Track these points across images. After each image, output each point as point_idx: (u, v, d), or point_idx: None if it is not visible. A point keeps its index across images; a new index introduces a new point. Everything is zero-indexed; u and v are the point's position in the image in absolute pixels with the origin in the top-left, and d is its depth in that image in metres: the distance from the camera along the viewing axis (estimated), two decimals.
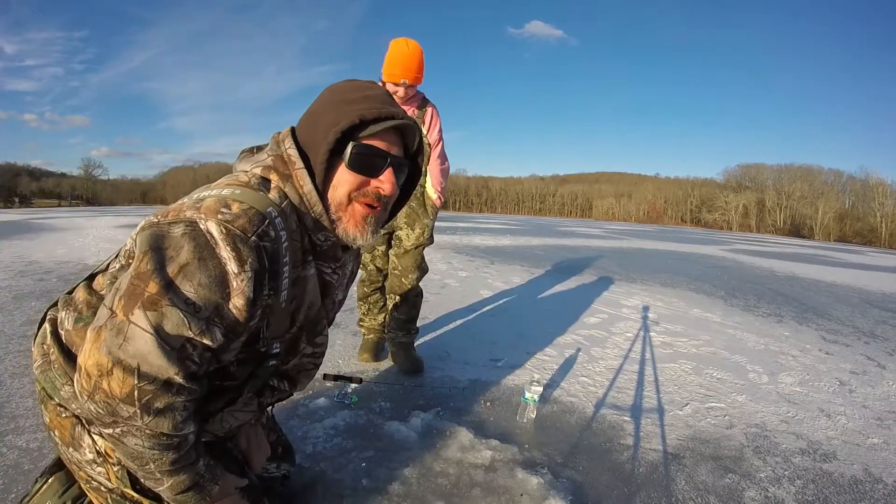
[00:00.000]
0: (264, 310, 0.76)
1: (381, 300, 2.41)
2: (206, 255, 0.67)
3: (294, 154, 0.81)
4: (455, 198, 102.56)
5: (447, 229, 13.43)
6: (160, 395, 0.65)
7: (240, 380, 0.87)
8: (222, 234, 0.67)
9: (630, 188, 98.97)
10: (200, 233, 0.67)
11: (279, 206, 0.77)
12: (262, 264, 0.71)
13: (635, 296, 4.68)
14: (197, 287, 0.66)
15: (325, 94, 0.87)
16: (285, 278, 0.77)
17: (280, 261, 0.75)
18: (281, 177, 0.80)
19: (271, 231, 0.73)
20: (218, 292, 0.67)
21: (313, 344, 0.97)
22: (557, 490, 1.38)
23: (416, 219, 2.25)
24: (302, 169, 0.80)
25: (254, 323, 0.76)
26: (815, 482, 1.59)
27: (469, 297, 4.12)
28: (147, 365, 0.64)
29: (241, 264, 0.68)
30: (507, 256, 7.39)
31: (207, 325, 0.67)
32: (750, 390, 2.39)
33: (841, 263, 11.45)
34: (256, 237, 0.70)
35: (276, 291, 0.77)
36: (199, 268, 0.66)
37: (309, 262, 0.85)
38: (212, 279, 0.66)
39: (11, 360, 2.14)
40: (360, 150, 0.81)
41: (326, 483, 1.36)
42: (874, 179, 62.77)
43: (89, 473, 0.86)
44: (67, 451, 0.86)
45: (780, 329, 3.75)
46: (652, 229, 31.13)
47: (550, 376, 2.37)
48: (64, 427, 0.84)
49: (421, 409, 1.86)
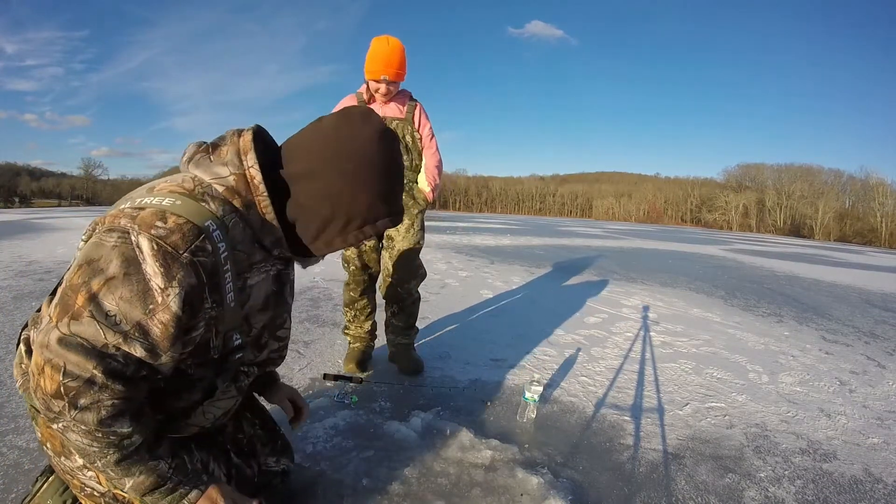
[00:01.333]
0: (209, 321, 0.79)
1: (368, 306, 2.31)
2: (132, 271, 0.68)
3: (258, 178, 0.80)
4: (455, 198, 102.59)
5: (447, 229, 13.43)
6: (84, 391, 0.67)
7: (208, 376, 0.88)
8: (152, 250, 0.68)
9: (630, 188, 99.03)
10: (130, 247, 0.69)
11: (220, 218, 0.76)
12: (198, 279, 0.72)
13: (635, 296, 4.68)
14: (118, 301, 0.68)
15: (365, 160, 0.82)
16: (229, 289, 0.79)
17: (220, 273, 0.76)
18: (244, 202, 0.80)
19: (208, 245, 0.73)
20: (140, 307, 0.68)
21: (276, 338, 1.01)
22: (557, 490, 1.38)
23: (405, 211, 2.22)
24: (264, 196, 0.80)
25: (197, 335, 0.77)
26: (815, 482, 1.59)
27: (469, 297, 4.12)
28: (71, 364, 0.67)
29: (168, 280, 0.69)
30: (507, 256, 7.39)
31: (125, 338, 0.68)
32: (750, 390, 2.39)
33: (841, 263, 11.45)
34: (189, 253, 0.71)
35: (220, 302, 0.79)
36: (123, 282, 0.68)
37: (261, 268, 0.88)
38: (134, 294, 0.68)
39: (11, 360, 2.14)
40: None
41: (326, 483, 1.36)
42: (874, 179, 62.81)
43: (82, 480, 0.88)
44: (59, 460, 0.88)
45: (781, 329, 3.75)
46: (652, 229, 31.12)
47: (550, 376, 2.37)
48: (54, 438, 0.87)
49: (421, 409, 1.86)
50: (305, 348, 2.52)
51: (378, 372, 2.28)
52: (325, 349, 2.53)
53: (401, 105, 2.13)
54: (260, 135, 0.87)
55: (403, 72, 2.05)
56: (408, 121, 2.13)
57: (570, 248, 9.77)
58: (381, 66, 1.98)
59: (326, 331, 2.84)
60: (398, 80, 2.05)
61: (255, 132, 0.85)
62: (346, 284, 2.31)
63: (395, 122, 2.12)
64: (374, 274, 2.31)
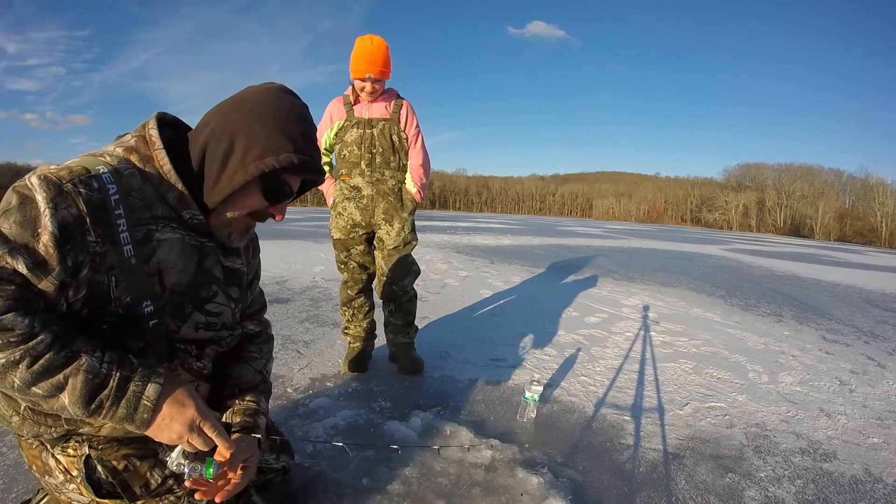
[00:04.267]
0: (95, 259, 0.76)
1: (366, 304, 2.31)
2: (27, 202, 0.73)
3: (155, 135, 0.85)
4: (455, 197, 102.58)
5: (447, 229, 13.43)
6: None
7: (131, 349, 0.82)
8: (39, 180, 0.74)
9: (630, 188, 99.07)
10: (25, 185, 0.74)
11: (114, 166, 0.81)
12: (78, 208, 0.74)
13: (635, 295, 4.68)
14: (11, 224, 0.71)
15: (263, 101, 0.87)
16: (122, 231, 0.79)
17: (109, 211, 0.77)
18: (141, 157, 0.84)
19: (94, 182, 0.77)
20: (29, 230, 0.71)
21: (204, 312, 0.93)
22: (557, 489, 1.38)
23: (393, 214, 2.19)
24: (161, 149, 0.84)
25: (85, 274, 0.75)
26: (815, 482, 1.59)
27: (469, 296, 4.12)
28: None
29: (47, 203, 0.72)
30: (507, 256, 7.39)
31: (11, 252, 0.70)
32: (750, 390, 2.39)
33: (841, 263, 11.45)
34: (72, 184, 0.75)
35: (111, 242, 0.78)
36: (17, 209, 0.72)
37: (171, 226, 0.86)
38: (25, 219, 0.72)
39: None
40: (278, 184, 0.88)
41: (326, 483, 1.35)
42: (874, 179, 62.81)
43: (68, 495, 0.88)
44: (45, 479, 0.88)
45: (781, 328, 3.75)
46: (652, 229, 31.11)
47: (550, 376, 2.37)
48: (36, 457, 0.87)
49: (421, 409, 1.86)
50: (305, 348, 2.52)
51: (378, 372, 2.28)
52: (326, 349, 2.53)
53: (387, 104, 2.14)
54: (166, 116, 0.93)
55: (388, 70, 2.06)
56: (394, 120, 2.14)
57: (570, 248, 9.77)
58: (366, 64, 2.00)
59: (326, 331, 2.84)
60: (383, 77, 2.06)
61: (162, 113, 0.92)
62: (343, 284, 2.31)
63: (382, 122, 2.12)
64: (372, 274, 2.33)
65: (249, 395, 1.02)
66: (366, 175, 2.15)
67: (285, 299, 3.55)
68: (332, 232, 2.24)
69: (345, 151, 2.15)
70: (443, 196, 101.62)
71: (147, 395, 0.75)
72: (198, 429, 0.79)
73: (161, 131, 0.86)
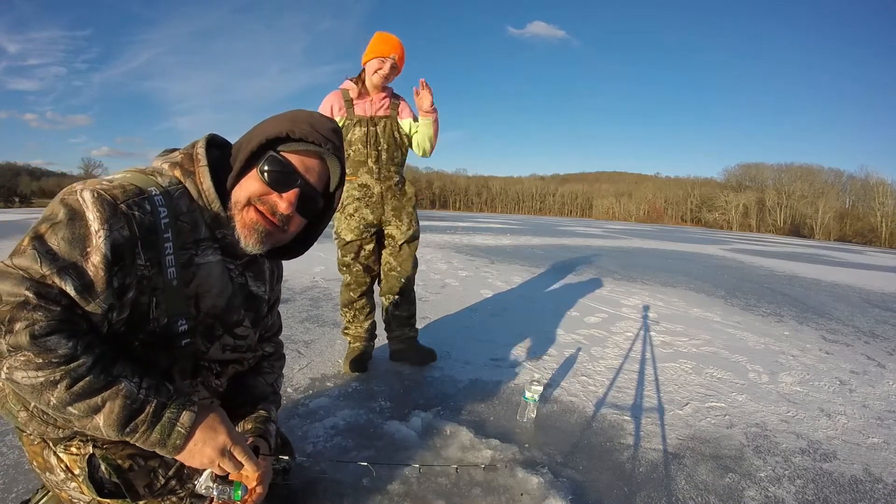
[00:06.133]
0: (142, 281, 0.77)
1: (367, 306, 2.33)
2: (76, 217, 0.72)
3: (201, 153, 0.86)
4: (455, 197, 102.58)
5: (447, 229, 13.43)
6: (17, 313, 0.66)
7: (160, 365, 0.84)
8: (93, 197, 0.73)
9: (630, 188, 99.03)
10: (75, 199, 0.73)
11: (165, 188, 0.81)
12: (131, 232, 0.75)
13: (635, 295, 4.68)
14: (59, 241, 0.70)
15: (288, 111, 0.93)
16: (168, 254, 0.79)
17: (158, 235, 0.78)
18: (184, 172, 0.85)
19: (147, 205, 0.77)
20: (78, 249, 0.71)
21: (233, 335, 0.95)
22: (557, 489, 1.38)
23: (401, 209, 2.26)
24: (205, 167, 0.85)
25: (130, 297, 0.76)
26: (815, 482, 1.59)
27: (469, 296, 4.12)
28: (6, 293, 0.67)
29: (101, 223, 0.72)
30: (508, 256, 7.39)
31: (59, 272, 0.69)
32: (750, 390, 2.39)
33: (841, 263, 11.45)
34: (126, 205, 0.75)
35: (157, 265, 0.78)
36: (67, 226, 0.71)
37: (214, 249, 0.88)
38: (74, 237, 0.71)
39: None
40: (274, 161, 0.85)
41: (327, 483, 1.35)
42: (874, 179, 62.81)
43: (69, 493, 0.88)
44: (45, 475, 0.89)
45: (781, 328, 3.75)
46: (652, 229, 31.12)
47: (550, 376, 2.37)
48: (37, 454, 0.88)
49: (421, 409, 1.86)
50: (305, 348, 2.52)
51: (378, 372, 2.28)
52: (326, 349, 2.53)
53: (387, 101, 2.19)
54: (217, 138, 0.95)
55: (402, 65, 2.14)
56: (394, 118, 2.20)
57: (570, 248, 9.77)
58: (390, 48, 2.07)
59: (326, 330, 2.84)
60: (400, 67, 2.13)
61: (213, 135, 0.94)
62: (345, 286, 2.31)
63: (384, 120, 2.18)
64: (374, 276, 2.36)
65: (261, 405, 1.06)
66: (374, 172, 2.18)
67: (285, 299, 3.55)
68: (343, 234, 2.22)
69: (350, 151, 2.16)
70: (443, 196, 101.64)
71: (182, 422, 0.76)
72: (229, 453, 0.81)
73: (208, 150, 0.88)
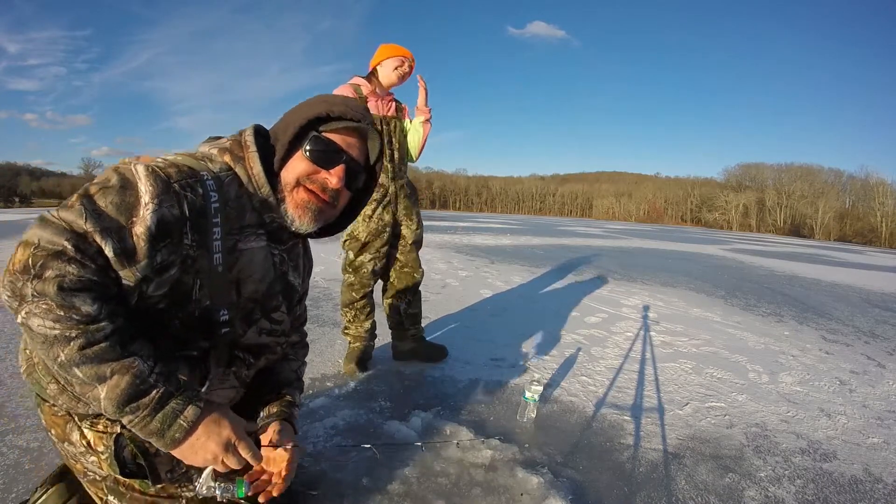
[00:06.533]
0: (186, 261, 0.78)
1: (368, 305, 2.33)
2: (128, 186, 0.74)
3: (250, 140, 0.88)
4: (455, 197, 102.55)
5: (447, 229, 13.43)
6: (51, 262, 0.66)
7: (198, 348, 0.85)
8: (146, 172, 0.75)
9: (630, 188, 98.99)
10: (129, 170, 0.76)
11: (216, 173, 0.83)
12: (181, 211, 0.76)
13: (635, 295, 4.68)
14: (108, 203, 0.72)
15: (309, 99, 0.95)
16: (216, 239, 0.81)
17: (207, 218, 0.79)
18: (233, 157, 0.87)
19: (199, 188, 0.79)
20: (125, 215, 0.72)
21: (270, 319, 0.97)
22: (557, 489, 1.38)
23: (411, 208, 2.32)
24: (254, 152, 0.87)
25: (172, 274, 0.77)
26: (815, 482, 1.59)
27: (469, 296, 4.12)
28: (45, 240, 0.67)
29: (152, 197, 0.73)
30: (508, 256, 7.39)
31: (102, 232, 0.69)
32: (750, 390, 2.39)
33: (841, 263, 11.45)
34: (179, 185, 0.76)
35: (205, 248, 0.80)
36: (118, 192, 0.73)
37: (259, 235, 0.90)
38: (123, 203, 0.72)
39: (12, 360, 2.14)
40: (318, 140, 0.89)
41: (327, 483, 1.36)
42: (874, 179, 62.80)
43: (85, 465, 0.89)
44: (63, 445, 0.89)
45: (781, 328, 3.75)
46: (652, 229, 31.12)
47: (550, 376, 2.37)
48: (58, 425, 0.88)
49: (421, 409, 1.86)
50: None
51: (378, 372, 2.28)
52: (325, 349, 2.53)
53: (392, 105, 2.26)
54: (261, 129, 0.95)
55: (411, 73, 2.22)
56: (399, 119, 2.26)
57: (570, 248, 9.77)
58: (406, 52, 2.16)
59: (326, 330, 2.84)
60: (411, 72, 2.20)
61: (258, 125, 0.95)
62: (348, 286, 2.31)
63: (394, 120, 2.23)
64: (378, 278, 2.36)
65: (285, 390, 1.09)
66: (388, 171, 2.21)
67: None
68: (360, 235, 2.21)
69: None
70: (443, 196, 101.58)
71: (186, 415, 0.75)
72: (233, 447, 0.80)
73: (255, 138, 0.90)
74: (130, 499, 0.89)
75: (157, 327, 0.79)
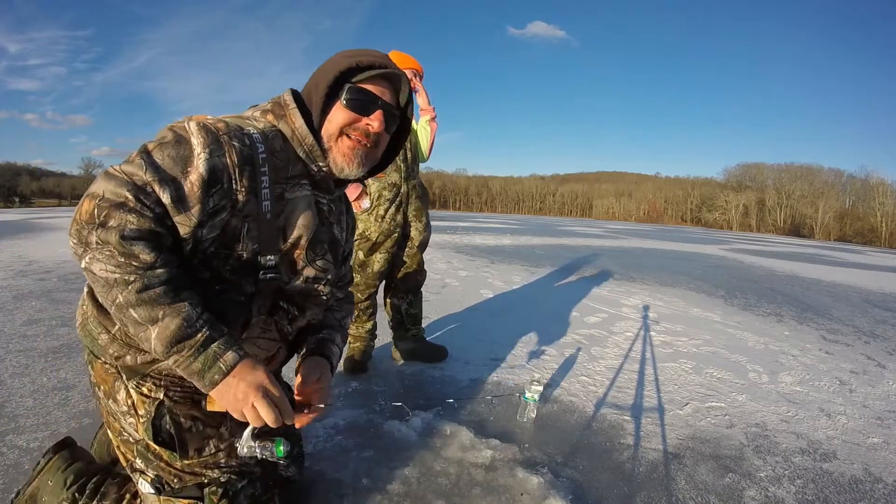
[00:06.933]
0: (235, 205, 0.83)
1: (370, 306, 2.32)
2: (182, 141, 0.80)
3: (289, 98, 0.94)
4: (455, 197, 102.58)
5: (447, 229, 13.43)
6: (114, 212, 0.73)
7: (243, 293, 0.89)
8: (198, 127, 0.81)
9: (630, 187, 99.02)
10: (182, 127, 0.82)
11: (262, 129, 0.89)
12: (230, 159, 0.81)
13: (635, 295, 4.68)
14: (165, 157, 0.78)
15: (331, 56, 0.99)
16: (265, 187, 0.86)
17: (256, 166, 0.85)
18: (276, 116, 0.93)
19: (247, 140, 0.85)
20: (180, 166, 0.78)
21: (315, 266, 0.99)
22: (557, 489, 1.38)
23: (421, 209, 2.34)
24: (294, 109, 0.93)
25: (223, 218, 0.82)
26: (815, 482, 1.59)
27: (469, 296, 4.12)
28: (109, 192, 0.74)
29: (203, 147, 0.79)
30: (508, 256, 7.39)
31: (161, 181, 0.76)
32: (750, 390, 2.39)
33: (841, 263, 11.45)
34: (227, 136, 0.82)
35: (254, 193, 0.85)
36: (173, 146, 0.79)
37: (304, 185, 0.94)
38: (179, 156, 0.79)
39: (12, 360, 2.14)
40: (353, 90, 0.94)
41: (327, 483, 1.36)
42: (874, 179, 62.82)
43: (122, 425, 0.94)
44: (108, 402, 0.94)
45: (781, 328, 3.75)
46: (652, 229, 31.12)
47: (550, 376, 2.37)
48: (107, 382, 0.94)
49: (421, 409, 1.86)
50: None
51: (378, 372, 2.28)
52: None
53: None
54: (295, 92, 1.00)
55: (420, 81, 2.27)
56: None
57: (570, 248, 9.77)
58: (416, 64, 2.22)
59: None
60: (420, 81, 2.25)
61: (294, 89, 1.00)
62: (353, 286, 2.30)
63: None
64: (383, 279, 2.34)
65: (326, 331, 1.11)
66: (401, 171, 2.22)
67: None
68: (371, 235, 2.21)
69: None
70: (443, 196, 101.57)
71: (225, 359, 0.79)
72: (263, 390, 0.81)
73: (294, 97, 0.96)
74: (156, 467, 0.93)
75: (206, 272, 0.85)
